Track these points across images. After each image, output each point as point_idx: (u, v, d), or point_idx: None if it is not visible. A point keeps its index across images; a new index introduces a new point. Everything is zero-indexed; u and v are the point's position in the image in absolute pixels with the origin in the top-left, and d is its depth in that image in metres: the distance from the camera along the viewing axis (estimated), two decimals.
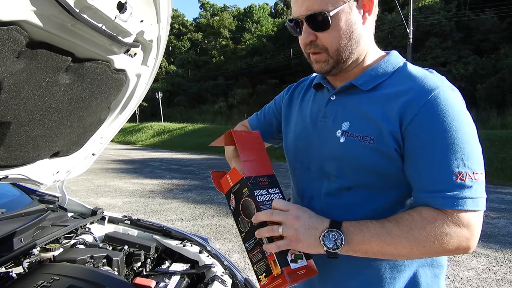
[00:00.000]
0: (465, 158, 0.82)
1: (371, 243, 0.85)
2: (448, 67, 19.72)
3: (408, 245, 0.83)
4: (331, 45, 0.91)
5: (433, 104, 0.83)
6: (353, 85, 0.96)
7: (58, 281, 1.22)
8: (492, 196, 7.25)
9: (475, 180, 0.82)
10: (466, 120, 0.84)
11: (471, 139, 0.83)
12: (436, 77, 0.89)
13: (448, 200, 0.82)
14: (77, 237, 1.74)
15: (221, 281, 1.54)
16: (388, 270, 0.93)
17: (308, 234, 0.86)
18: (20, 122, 1.18)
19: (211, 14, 54.28)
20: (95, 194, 7.35)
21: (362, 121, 0.91)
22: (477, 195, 0.82)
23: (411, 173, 0.87)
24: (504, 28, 21.47)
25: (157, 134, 24.39)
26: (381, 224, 0.86)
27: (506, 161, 10.18)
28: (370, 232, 0.85)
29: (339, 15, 0.88)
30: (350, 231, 0.86)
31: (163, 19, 1.27)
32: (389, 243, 0.84)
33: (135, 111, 1.97)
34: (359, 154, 0.90)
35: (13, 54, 0.91)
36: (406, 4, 20.39)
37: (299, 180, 1.07)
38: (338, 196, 0.95)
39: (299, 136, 1.07)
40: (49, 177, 1.77)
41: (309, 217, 0.88)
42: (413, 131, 0.85)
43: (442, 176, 0.83)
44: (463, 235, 0.82)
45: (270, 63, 34.43)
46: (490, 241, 4.56)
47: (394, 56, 0.99)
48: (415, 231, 0.83)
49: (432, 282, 0.96)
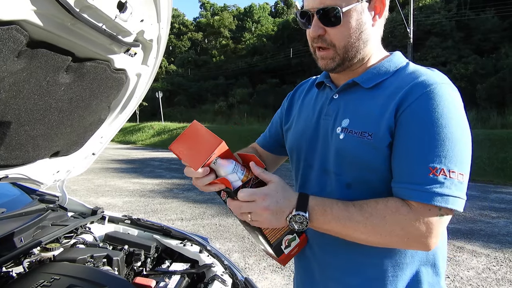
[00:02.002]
0: (443, 155, 0.81)
1: (331, 224, 0.87)
2: (449, 67, 19.72)
3: (365, 231, 0.84)
4: (339, 41, 0.92)
5: (427, 98, 0.84)
6: (355, 83, 0.97)
7: (58, 280, 1.22)
8: (492, 195, 7.25)
9: (450, 178, 0.80)
10: (457, 119, 0.83)
11: (456, 138, 0.82)
12: (437, 74, 0.90)
13: (415, 192, 0.82)
14: (77, 236, 1.74)
15: (221, 280, 1.54)
16: (391, 268, 0.94)
17: (276, 218, 0.87)
18: (20, 122, 1.18)
19: (211, 13, 54.28)
20: (95, 193, 7.35)
21: (362, 117, 0.92)
22: (449, 193, 0.80)
23: (392, 162, 0.88)
24: (504, 27, 21.46)
25: (157, 133, 24.38)
26: (345, 206, 0.87)
27: (507, 160, 10.18)
28: (332, 214, 0.86)
29: (351, 13, 0.89)
30: (315, 210, 0.87)
31: (163, 19, 1.27)
32: (348, 227, 0.85)
33: (135, 111, 1.97)
34: (357, 150, 0.90)
35: (13, 53, 0.91)
36: (407, 4, 20.37)
37: (303, 178, 1.08)
38: (339, 194, 0.96)
39: (302, 134, 1.08)
40: (49, 176, 1.77)
41: (276, 202, 0.86)
42: (402, 121, 0.86)
43: (415, 168, 0.83)
44: (421, 231, 0.82)
45: (270, 62, 34.44)
46: (490, 240, 4.56)
47: (397, 56, 1.00)
48: (375, 218, 0.84)
49: (433, 280, 0.96)
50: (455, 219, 5.47)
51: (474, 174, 9.70)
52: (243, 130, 19.79)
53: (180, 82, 40.25)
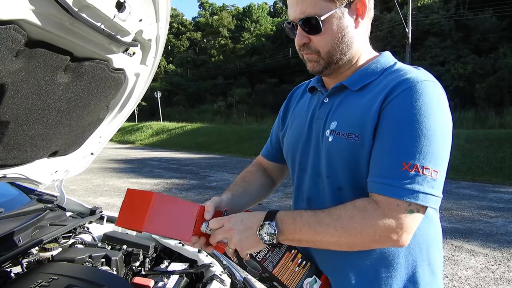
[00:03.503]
0: (418, 151, 0.81)
1: (302, 232, 0.88)
2: (447, 67, 19.77)
3: (336, 233, 0.85)
4: (323, 48, 0.94)
5: (407, 94, 0.85)
6: (343, 86, 0.99)
7: (56, 280, 1.22)
8: (490, 195, 7.27)
9: (422, 174, 0.81)
10: (436, 117, 0.83)
11: (433, 136, 0.82)
12: (421, 72, 0.91)
13: (385, 186, 0.82)
14: (75, 236, 1.74)
15: (220, 280, 1.54)
16: (385, 269, 0.94)
17: (246, 236, 0.90)
18: (19, 121, 1.18)
19: (210, 13, 54.24)
20: (94, 193, 7.34)
21: (349, 119, 0.93)
22: (419, 189, 0.80)
23: (371, 157, 0.88)
24: (503, 27, 21.50)
25: (156, 133, 24.37)
26: (314, 213, 0.88)
27: (505, 160, 10.20)
28: (302, 221, 0.88)
29: (331, 20, 0.90)
30: (284, 220, 0.89)
31: (162, 18, 1.27)
32: (319, 232, 0.86)
33: (133, 111, 1.96)
34: (345, 151, 0.91)
35: (11, 53, 0.91)
36: (405, 4, 20.42)
37: (299, 182, 1.09)
38: (332, 197, 0.96)
39: (296, 139, 1.09)
40: (48, 176, 1.77)
41: (240, 220, 0.92)
42: (383, 115, 0.87)
43: (388, 162, 0.84)
44: (391, 226, 0.81)
45: (269, 62, 34.41)
46: (489, 240, 4.57)
47: (385, 57, 1.01)
48: (344, 219, 0.84)
49: (430, 280, 0.96)
50: (454, 219, 5.48)
51: (473, 174, 9.73)
52: (242, 129, 19.79)
53: (179, 82, 40.20)
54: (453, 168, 9.30)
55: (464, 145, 11.36)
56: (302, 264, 0.97)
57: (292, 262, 0.96)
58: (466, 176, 9.57)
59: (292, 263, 0.96)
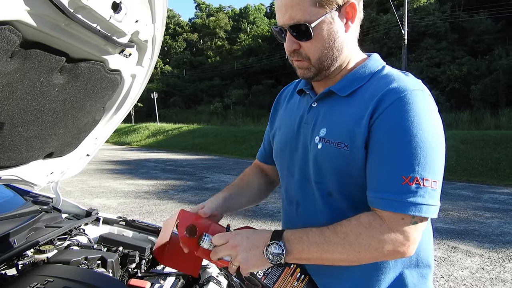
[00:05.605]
0: (416, 163, 0.81)
1: (310, 251, 0.87)
2: (443, 68, 19.85)
3: (344, 251, 0.85)
4: (313, 54, 0.92)
5: (397, 106, 0.84)
6: (332, 92, 0.98)
7: (52, 282, 1.21)
8: (486, 196, 7.31)
9: (423, 186, 0.81)
10: (428, 127, 0.84)
11: (428, 146, 0.82)
12: (410, 79, 0.90)
13: (388, 201, 0.83)
14: (71, 238, 1.73)
15: (216, 282, 1.53)
16: (374, 272, 0.94)
17: (252, 255, 0.89)
18: (14, 123, 1.17)
19: (206, 14, 54.19)
20: (90, 195, 7.30)
21: (338, 127, 0.93)
22: (422, 201, 0.81)
23: (367, 170, 0.88)
24: (498, 29, 21.63)
25: (153, 134, 24.30)
26: (320, 231, 0.88)
27: (500, 161, 10.26)
28: (309, 241, 0.87)
29: (321, 26, 0.89)
30: (291, 240, 0.89)
31: (158, 19, 1.27)
32: (326, 250, 0.86)
33: (130, 112, 1.96)
34: (334, 160, 0.91)
35: (6, 54, 0.90)
36: (401, 5, 20.49)
37: (287, 186, 1.09)
38: (322, 202, 0.96)
39: (285, 142, 1.08)
40: (43, 178, 1.76)
41: (246, 237, 0.91)
42: (374, 130, 0.86)
43: (388, 176, 0.83)
44: (397, 240, 0.83)
45: (265, 63, 34.44)
46: (484, 240, 4.60)
47: (373, 60, 1.00)
48: (351, 237, 0.85)
49: (419, 282, 0.97)
50: (450, 220, 5.50)
51: (468, 175, 9.78)
52: (239, 130, 19.78)
53: (176, 83, 40.12)
54: (448, 169, 9.34)
55: (460, 146, 11.43)
56: (300, 279, 0.97)
57: (291, 277, 0.96)
58: (461, 177, 9.63)
59: (291, 278, 0.96)
